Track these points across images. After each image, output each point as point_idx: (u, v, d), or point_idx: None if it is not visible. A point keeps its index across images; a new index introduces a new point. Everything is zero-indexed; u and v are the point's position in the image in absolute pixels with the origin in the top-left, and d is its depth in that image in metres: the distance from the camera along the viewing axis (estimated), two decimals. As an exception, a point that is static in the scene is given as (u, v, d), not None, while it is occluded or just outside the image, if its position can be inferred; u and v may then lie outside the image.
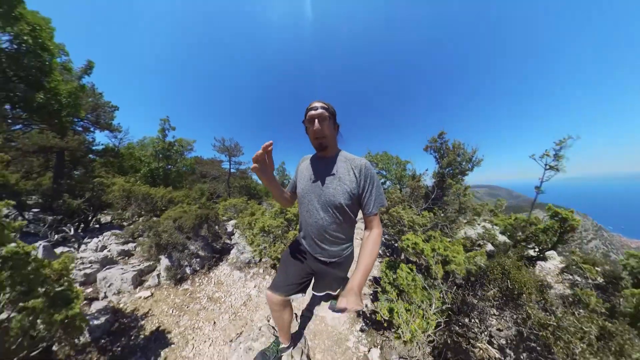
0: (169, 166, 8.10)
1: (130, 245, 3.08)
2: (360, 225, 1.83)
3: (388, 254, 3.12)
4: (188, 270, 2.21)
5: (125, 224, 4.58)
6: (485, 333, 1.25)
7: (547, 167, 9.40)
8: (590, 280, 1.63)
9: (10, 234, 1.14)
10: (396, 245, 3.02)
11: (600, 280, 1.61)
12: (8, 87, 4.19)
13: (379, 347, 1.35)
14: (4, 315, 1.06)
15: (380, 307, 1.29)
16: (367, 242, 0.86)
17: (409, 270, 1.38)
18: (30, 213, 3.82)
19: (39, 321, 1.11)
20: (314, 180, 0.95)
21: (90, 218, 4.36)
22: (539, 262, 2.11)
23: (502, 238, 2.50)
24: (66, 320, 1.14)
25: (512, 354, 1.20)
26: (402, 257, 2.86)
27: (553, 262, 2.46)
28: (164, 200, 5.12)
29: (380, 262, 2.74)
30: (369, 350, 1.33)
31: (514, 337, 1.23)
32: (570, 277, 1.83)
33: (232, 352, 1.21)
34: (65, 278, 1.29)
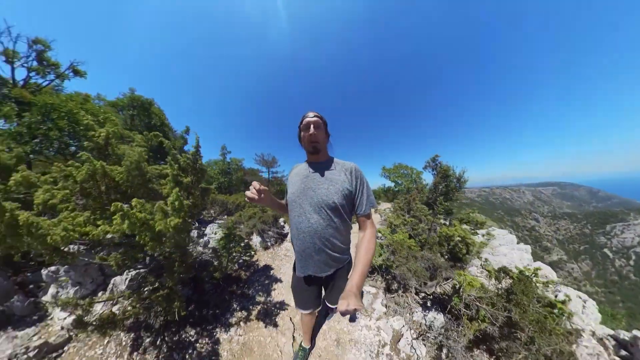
0: (228, 178, 10.93)
1: (228, 232, 5.29)
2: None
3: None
4: (269, 243, 4.20)
5: (210, 219, 7.04)
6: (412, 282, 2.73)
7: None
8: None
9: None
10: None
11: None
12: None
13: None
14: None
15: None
16: (362, 243, 0.88)
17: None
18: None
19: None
20: (305, 183, 0.97)
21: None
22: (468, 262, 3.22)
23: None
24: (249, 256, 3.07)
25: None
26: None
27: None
28: (233, 204, 7.54)
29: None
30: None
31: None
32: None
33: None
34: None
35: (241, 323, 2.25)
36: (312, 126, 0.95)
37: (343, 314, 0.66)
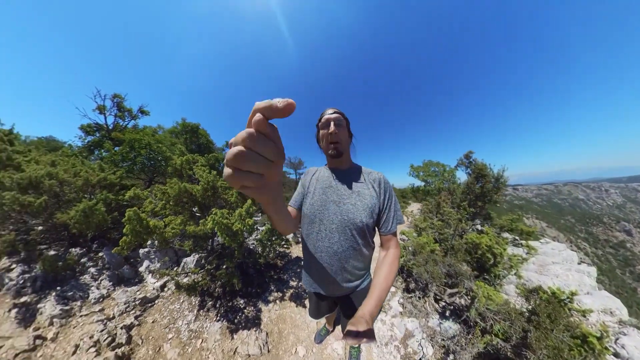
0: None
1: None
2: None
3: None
4: (299, 239, 4.80)
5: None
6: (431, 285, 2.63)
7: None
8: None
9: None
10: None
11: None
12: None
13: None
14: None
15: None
16: (383, 265, 0.76)
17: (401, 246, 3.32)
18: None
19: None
20: (328, 194, 0.85)
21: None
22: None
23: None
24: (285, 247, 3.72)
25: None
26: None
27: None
28: (266, 204, 8.79)
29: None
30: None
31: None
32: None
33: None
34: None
35: (277, 301, 2.80)
36: (332, 124, 0.82)
37: (349, 340, 0.55)
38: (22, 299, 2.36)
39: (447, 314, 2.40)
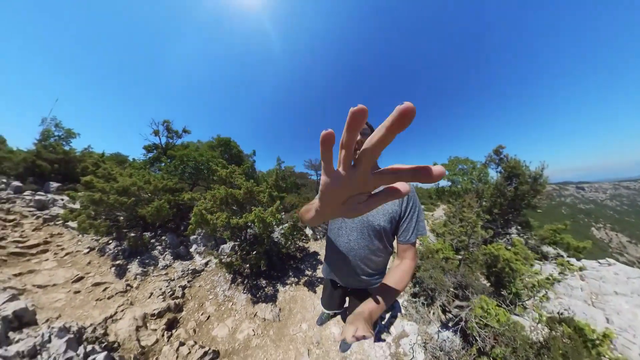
0: (284, 183, 13.26)
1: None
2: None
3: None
4: (318, 236, 5.19)
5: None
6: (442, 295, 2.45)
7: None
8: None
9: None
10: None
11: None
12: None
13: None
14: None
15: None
16: (395, 270, 0.73)
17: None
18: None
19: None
20: None
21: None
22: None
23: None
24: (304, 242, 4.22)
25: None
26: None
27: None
28: (289, 204, 9.30)
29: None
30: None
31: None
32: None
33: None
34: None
35: (293, 285, 3.29)
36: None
37: (349, 340, 0.52)
38: (117, 262, 3.39)
39: (450, 324, 2.26)
